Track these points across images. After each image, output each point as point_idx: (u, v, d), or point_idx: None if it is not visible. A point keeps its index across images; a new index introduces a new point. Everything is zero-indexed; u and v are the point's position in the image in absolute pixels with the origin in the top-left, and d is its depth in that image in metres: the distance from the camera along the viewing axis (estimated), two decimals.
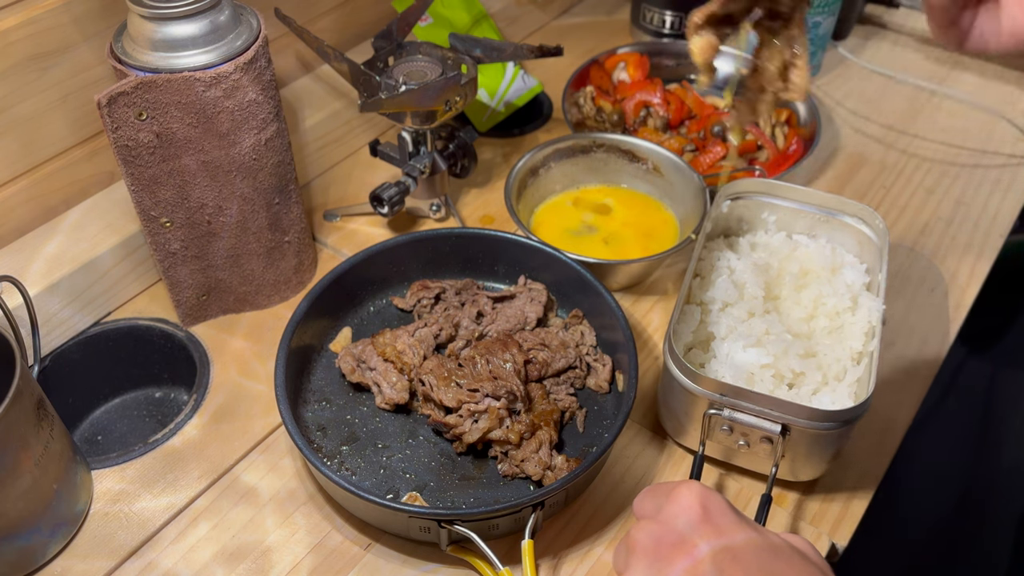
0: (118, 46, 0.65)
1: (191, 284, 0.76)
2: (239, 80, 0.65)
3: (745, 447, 0.65)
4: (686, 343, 0.72)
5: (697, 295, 0.75)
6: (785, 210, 0.79)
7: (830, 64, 1.13)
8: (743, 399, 0.63)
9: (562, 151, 0.88)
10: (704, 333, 0.72)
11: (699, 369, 0.68)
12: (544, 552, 0.64)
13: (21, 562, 0.62)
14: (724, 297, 0.73)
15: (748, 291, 0.73)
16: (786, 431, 0.63)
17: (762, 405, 0.62)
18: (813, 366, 0.68)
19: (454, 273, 0.81)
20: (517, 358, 0.70)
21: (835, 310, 0.73)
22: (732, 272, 0.75)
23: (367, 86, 0.79)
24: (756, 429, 0.63)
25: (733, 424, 0.64)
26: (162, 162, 0.67)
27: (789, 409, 0.62)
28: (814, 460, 0.66)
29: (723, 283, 0.74)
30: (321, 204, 0.91)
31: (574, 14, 1.23)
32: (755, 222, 0.81)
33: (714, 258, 0.77)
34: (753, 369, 0.68)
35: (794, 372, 0.68)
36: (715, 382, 0.63)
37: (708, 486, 0.48)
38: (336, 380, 0.73)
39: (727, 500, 0.47)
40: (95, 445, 0.76)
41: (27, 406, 0.58)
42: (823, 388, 0.68)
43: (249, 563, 0.63)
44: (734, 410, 0.63)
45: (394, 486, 0.67)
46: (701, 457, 0.66)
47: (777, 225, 0.80)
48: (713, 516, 0.45)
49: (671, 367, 0.66)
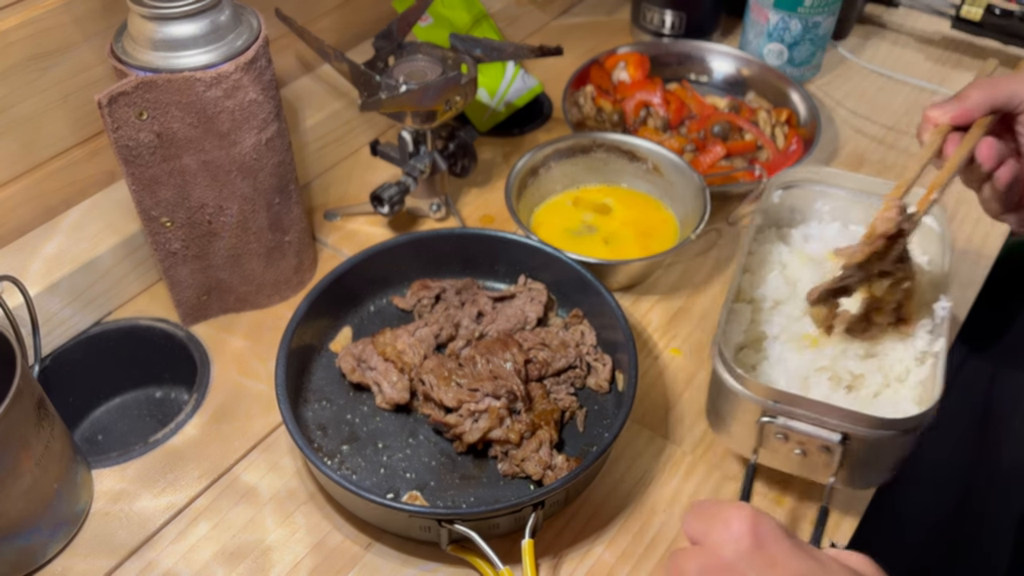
0: (118, 46, 0.65)
1: (191, 284, 0.76)
2: (240, 80, 0.65)
3: (801, 456, 0.61)
4: (737, 343, 0.67)
5: (747, 292, 0.70)
6: (840, 198, 0.74)
7: (830, 64, 1.13)
8: (799, 406, 0.58)
9: (562, 151, 0.88)
10: (755, 332, 0.68)
11: (750, 372, 0.64)
12: (544, 551, 0.64)
13: (22, 562, 0.62)
14: (775, 294, 0.69)
15: (801, 287, 0.69)
16: (846, 440, 0.58)
17: (820, 413, 0.58)
18: (873, 367, 0.64)
19: (454, 273, 0.81)
20: (517, 358, 0.70)
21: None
22: (784, 267, 0.71)
23: (367, 86, 0.79)
24: (813, 438, 0.59)
25: (788, 432, 0.59)
26: (163, 162, 0.67)
27: (849, 417, 0.57)
28: (876, 468, 0.61)
29: (774, 279, 0.70)
30: (321, 204, 0.91)
31: (574, 14, 1.23)
32: (808, 212, 0.75)
33: (765, 252, 0.72)
34: (808, 372, 0.64)
35: (852, 374, 0.64)
36: (768, 388, 0.59)
37: (760, 510, 0.44)
38: (336, 380, 0.74)
39: (781, 525, 0.43)
40: (95, 445, 0.76)
41: (28, 406, 0.58)
42: (884, 391, 0.64)
43: (249, 563, 0.63)
44: (789, 418, 0.59)
45: (394, 485, 0.67)
46: (753, 467, 0.62)
47: (831, 215, 0.75)
48: (766, 544, 0.42)
49: (720, 372, 0.61)
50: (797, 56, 1.06)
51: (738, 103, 1.01)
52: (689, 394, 0.75)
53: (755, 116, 0.98)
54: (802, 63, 1.07)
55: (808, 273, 0.70)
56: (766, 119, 0.97)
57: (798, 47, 1.06)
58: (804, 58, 1.07)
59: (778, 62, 1.07)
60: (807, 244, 0.74)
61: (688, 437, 0.72)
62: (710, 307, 0.82)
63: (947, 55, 1.16)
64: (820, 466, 0.61)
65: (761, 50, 1.07)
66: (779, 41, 1.05)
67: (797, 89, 1.01)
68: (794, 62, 1.07)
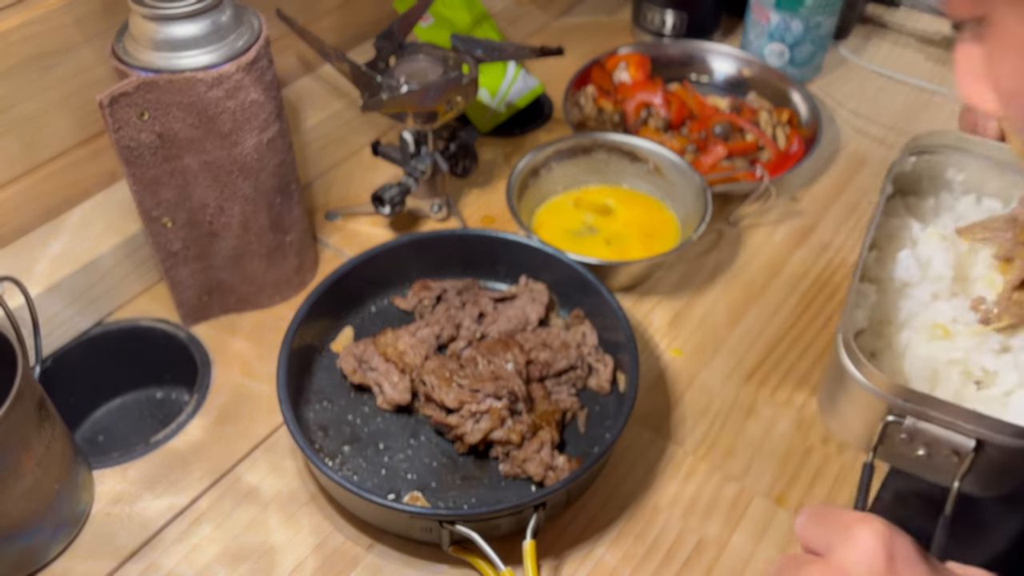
0: (120, 46, 0.65)
1: (192, 284, 0.76)
2: (241, 80, 0.65)
3: (925, 457, 0.56)
4: (858, 327, 0.62)
5: (873, 270, 0.64)
6: (975, 167, 0.66)
7: (831, 64, 1.13)
8: (932, 408, 0.53)
9: (563, 152, 0.88)
10: (880, 316, 0.62)
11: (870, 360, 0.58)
12: (546, 553, 0.64)
13: (23, 562, 0.62)
14: (904, 275, 0.63)
15: (934, 269, 0.63)
16: (980, 446, 0.53)
17: (955, 417, 0.52)
18: (1009, 364, 0.58)
19: (455, 273, 0.81)
20: (518, 358, 0.70)
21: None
22: (915, 245, 0.65)
23: (368, 86, 0.79)
24: (944, 442, 0.53)
25: (915, 434, 0.54)
26: (164, 162, 0.67)
27: (987, 423, 0.52)
28: (1009, 477, 0.56)
29: (904, 258, 0.63)
30: (323, 204, 0.91)
31: (575, 14, 1.23)
32: (939, 181, 0.69)
33: (893, 226, 0.66)
34: (938, 365, 0.58)
35: (985, 370, 0.59)
36: (899, 386, 0.53)
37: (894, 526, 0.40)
38: (338, 380, 0.73)
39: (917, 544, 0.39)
40: (96, 445, 0.76)
41: (29, 406, 0.58)
42: (1018, 391, 0.58)
43: (251, 564, 0.63)
44: (919, 419, 0.54)
45: (396, 486, 0.67)
46: (871, 468, 0.57)
47: (963, 186, 0.68)
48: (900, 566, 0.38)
49: (844, 361, 0.56)
50: (798, 56, 1.06)
51: (739, 103, 1.01)
52: (691, 395, 0.75)
53: (756, 117, 0.98)
54: (803, 63, 1.07)
55: (941, 253, 0.63)
56: (767, 119, 0.97)
57: (799, 47, 1.05)
58: (805, 58, 1.07)
59: (779, 62, 1.07)
60: (938, 218, 0.68)
61: (690, 438, 0.72)
62: (712, 308, 0.82)
63: (948, 55, 1.16)
64: (945, 469, 0.56)
65: (762, 50, 1.07)
66: (780, 41, 1.05)
67: (798, 89, 1.01)
68: (795, 62, 1.07)
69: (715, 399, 0.75)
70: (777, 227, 0.90)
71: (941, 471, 0.57)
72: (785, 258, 0.87)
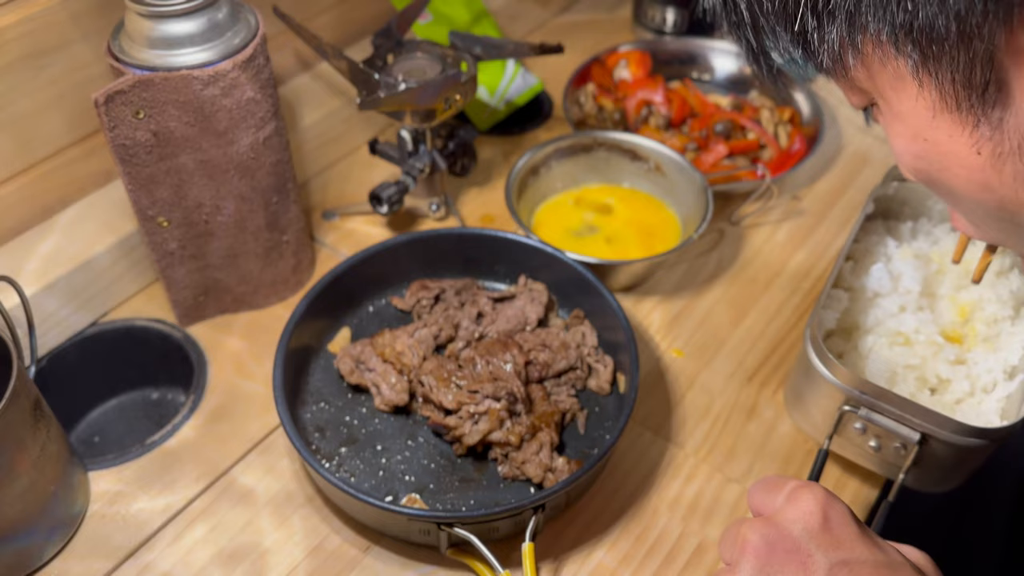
0: (115, 44, 0.65)
1: (188, 284, 0.75)
2: (237, 78, 0.65)
3: (875, 450, 0.61)
4: (828, 329, 0.67)
5: (847, 280, 0.70)
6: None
7: None
8: (885, 401, 0.59)
9: (563, 150, 0.88)
10: (849, 321, 0.68)
11: (839, 360, 0.64)
12: (545, 555, 0.64)
13: (18, 564, 0.61)
14: (876, 287, 0.69)
15: (903, 284, 0.69)
16: (925, 440, 0.58)
17: (904, 410, 0.58)
18: (961, 374, 0.64)
19: (454, 273, 0.80)
20: (517, 359, 0.70)
21: (994, 317, 0.68)
22: (889, 260, 0.71)
23: (366, 84, 0.78)
24: (893, 434, 0.59)
25: (868, 424, 0.60)
26: (159, 161, 0.67)
27: (933, 418, 0.57)
28: (948, 473, 0.62)
29: (878, 271, 0.69)
30: (320, 203, 0.91)
31: (575, 11, 1.22)
32: (920, 208, 0.75)
33: (871, 242, 0.72)
34: (897, 368, 0.64)
35: (940, 378, 0.64)
36: (857, 378, 0.59)
37: (832, 492, 0.45)
38: (335, 381, 0.73)
39: (850, 510, 0.44)
40: (92, 446, 0.76)
41: (24, 407, 0.57)
42: (968, 399, 0.64)
43: (247, 565, 0.63)
44: (872, 410, 0.59)
45: (393, 488, 0.66)
46: (825, 453, 0.63)
47: (943, 215, 0.74)
48: (833, 526, 0.42)
49: (810, 354, 0.62)
50: None
51: (741, 101, 1.00)
52: (691, 396, 0.74)
53: (758, 115, 0.97)
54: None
55: (912, 270, 0.69)
56: (769, 118, 0.96)
57: None
58: None
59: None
60: (915, 240, 0.73)
61: (690, 439, 0.71)
62: (713, 308, 0.82)
63: None
64: (892, 462, 0.62)
65: None
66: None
67: (800, 88, 1.00)
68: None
69: (716, 400, 0.74)
70: (779, 226, 0.90)
71: (889, 463, 0.62)
72: (787, 258, 0.86)
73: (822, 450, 0.63)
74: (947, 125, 0.39)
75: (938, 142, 0.40)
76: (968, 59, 0.36)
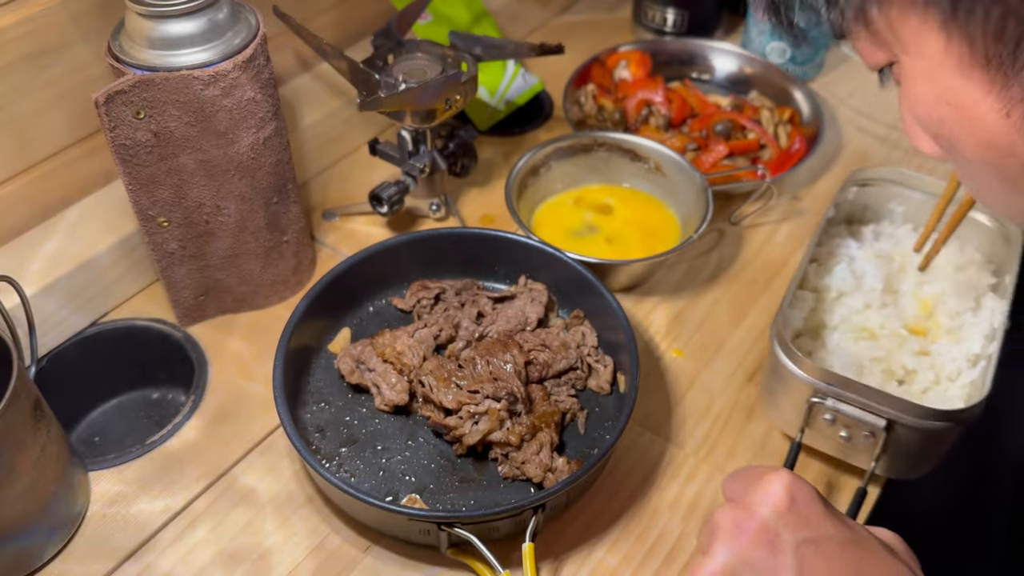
0: (116, 44, 0.65)
1: (189, 284, 0.75)
2: (237, 78, 0.65)
3: (846, 440, 0.64)
4: (796, 329, 0.70)
5: (812, 281, 0.73)
6: (915, 201, 0.76)
7: (833, 63, 1.12)
8: (849, 390, 0.61)
9: (563, 150, 0.88)
10: (816, 321, 0.71)
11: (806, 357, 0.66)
12: (545, 555, 0.64)
13: (18, 564, 0.61)
14: (841, 286, 0.71)
15: (867, 282, 0.72)
16: (891, 427, 0.61)
17: (868, 398, 0.61)
18: (926, 364, 0.67)
19: (454, 273, 0.80)
20: (518, 359, 0.70)
21: (956, 310, 0.70)
22: (852, 261, 0.74)
23: (366, 84, 0.78)
24: (860, 422, 0.62)
25: (837, 415, 0.62)
26: (160, 161, 0.67)
27: (896, 404, 0.60)
28: (917, 459, 0.64)
29: (841, 271, 0.72)
30: (320, 203, 0.91)
31: (575, 12, 1.22)
32: (882, 211, 0.78)
33: (834, 245, 0.75)
34: (863, 361, 0.66)
35: (906, 369, 0.67)
36: (821, 370, 0.62)
37: (799, 475, 0.47)
38: (335, 381, 0.73)
39: (817, 491, 0.45)
40: (92, 447, 0.76)
41: (24, 407, 0.57)
42: (934, 388, 0.67)
43: (247, 566, 0.63)
44: (839, 400, 0.62)
45: (393, 488, 0.66)
46: (798, 445, 0.65)
47: (904, 217, 0.78)
48: (800, 506, 0.44)
49: (777, 351, 0.64)
50: (800, 54, 1.06)
51: (741, 102, 1.00)
52: (692, 396, 0.74)
53: (758, 115, 0.98)
54: (805, 61, 1.07)
55: (875, 269, 0.72)
56: (769, 118, 0.96)
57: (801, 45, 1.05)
58: (807, 56, 1.06)
59: (781, 60, 1.06)
60: (877, 242, 0.76)
61: (690, 440, 0.71)
62: (713, 308, 0.82)
63: None
64: (863, 451, 0.64)
65: (764, 48, 1.07)
66: (782, 39, 1.05)
67: (800, 87, 1.00)
68: (797, 60, 1.06)
69: (716, 400, 0.74)
70: (779, 226, 0.90)
71: (861, 453, 0.65)
72: (787, 258, 0.86)
73: (795, 442, 0.65)
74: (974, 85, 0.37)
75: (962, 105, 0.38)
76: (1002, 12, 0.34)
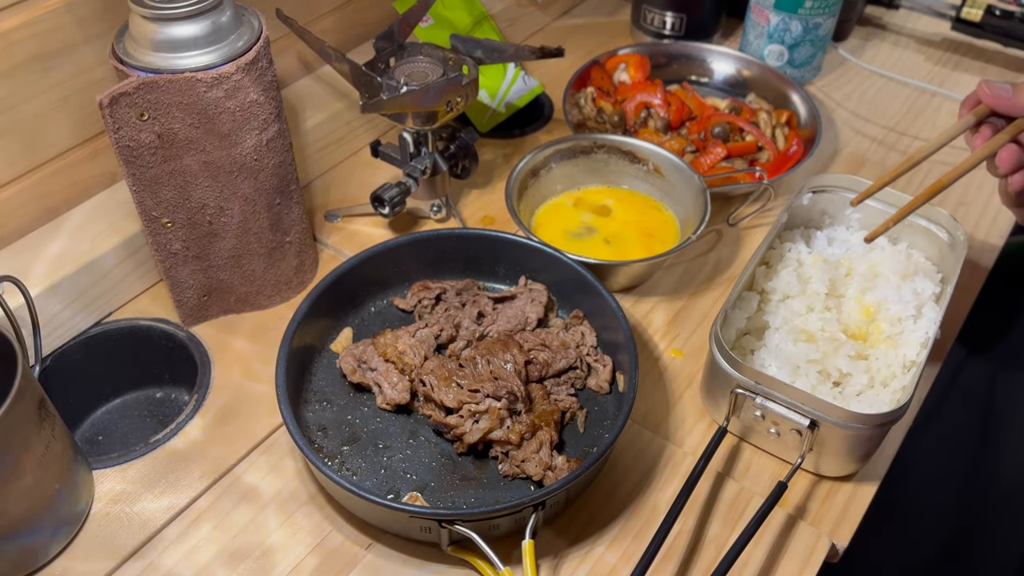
0: (120, 47, 0.65)
1: (192, 284, 0.76)
2: (241, 81, 0.65)
3: (776, 435, 0.66)
4: (739, 328, 0.72)
5: (760, 283, 0.75)
6: (871, 209, 0.78)
7: (830, 65, 1.13)
8: (771, 387, 0.64)
9: (563, 152, 0.88)
10: (760, 321, 0.73)
11: (748, 356, 0.69)
12: (545, 552, 0.64)
13: (22, 562, 0.62)
14: (786, 288, 0.73)
15: (812, 286, 0.73)
16: (815, 426, 0.63)
17: (790, 396, 0.63)
18: (861, 368, 0.68)
19: (455, 274, 0.81)
20: (518, 358, 0.70)
21: (897, 316, 0.72)
22: (800, 265, 0.76)
23: (368, 87, 0.79)
24: (785, 420, 0.64)
25: (765, 411, 0.65)
26: (163, 162, 0.67)
27: (819, 406, 0.63)
28: (842, 459, 0.66)
29: (788, 274, 0.74)
30: (322, 205, 0.91)
31: (575, 15, 1.23)
32: (838, 217, 0.80)
33: (785, 248, 0.77)
34: (799, 362, 0.68)
35: (841, 372, 0.69)
36: (750, 369, 0.64)
37: None
38: (337, 380, 0.74)
39: None
40: (96, 445, 0.76)
41: (29, 406, 0.58)
42: (868, 391, 0.68)
43: (250, 563, 0.63)
44: (766, 398, 0.64)
45: (395, 486, 0.67)
46: (723, 430, 0.67)
47: (860, 223, 0.79)
48: None
49: (712, 348, 0.67)
50: (797, 57, 1.06)
51: (738, 104, 1.01)
52: (690, 395, 0.75)
53: (756, 117, 0.98)
54: (802, 64, 1.07)
55: (820, 274, 0.74)
56: (767, 120, 0.97)
57: (798, 48, 1.06)
58: (804, 59, 1.07)
59: (778, 63, 1.07)
60: (828, 248, 0.78)
61: (689, 438, 0.72)
62: (711, 308, 0.82)
63: (947, 56, 1.16)
64: (791, 447, 0.67)
65: (762, 51, 1.07)
66: (779, 42, 1.06)
67: (797, 90, 1.01)
68: (794, 63, 1.07)
69: None
70: None
71: (790, 449, 0.67)
72: None
73: (720, 427, 0.67)
74: None
75: None
76: None
